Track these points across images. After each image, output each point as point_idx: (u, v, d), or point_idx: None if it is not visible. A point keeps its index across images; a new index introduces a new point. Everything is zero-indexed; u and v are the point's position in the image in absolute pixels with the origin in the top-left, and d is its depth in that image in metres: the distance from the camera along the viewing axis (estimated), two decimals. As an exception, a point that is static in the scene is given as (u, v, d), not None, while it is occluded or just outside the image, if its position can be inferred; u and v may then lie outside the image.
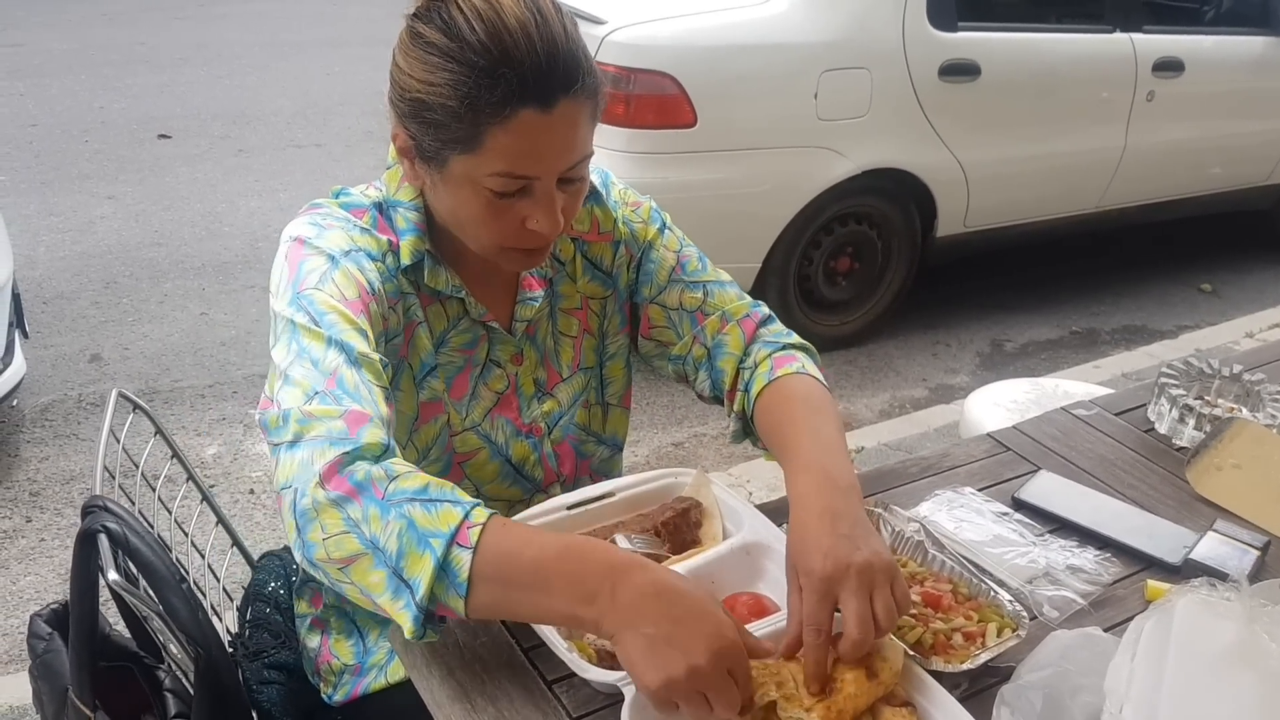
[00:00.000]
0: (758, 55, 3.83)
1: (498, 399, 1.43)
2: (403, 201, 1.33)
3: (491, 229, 1.25)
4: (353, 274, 1.24)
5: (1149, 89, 4.57)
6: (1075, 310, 4.94)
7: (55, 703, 1.42)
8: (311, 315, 1.19)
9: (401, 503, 1.04)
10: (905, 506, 1.44)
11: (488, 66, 1.13)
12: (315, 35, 9.14)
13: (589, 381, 1.53)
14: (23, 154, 6.11)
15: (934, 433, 3.75)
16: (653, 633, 0.99)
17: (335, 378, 1.13)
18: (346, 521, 1.04)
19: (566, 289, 1.49)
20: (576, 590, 1.03)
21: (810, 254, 4.22)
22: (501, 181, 1.19)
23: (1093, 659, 1.14)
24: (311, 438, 1.08)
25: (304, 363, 1.15)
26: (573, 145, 1.21)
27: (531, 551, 1.04)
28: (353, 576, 1.05)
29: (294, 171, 6.06)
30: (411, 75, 1.19)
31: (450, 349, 1.39)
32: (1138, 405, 1.83)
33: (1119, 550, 1.44)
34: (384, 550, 1.03)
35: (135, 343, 4.21)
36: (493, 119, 1.15)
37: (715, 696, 0.99)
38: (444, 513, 1.04)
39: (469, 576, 1.02)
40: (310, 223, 1.30)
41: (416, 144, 1.24)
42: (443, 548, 1.02)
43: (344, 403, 1.11)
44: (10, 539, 3.08)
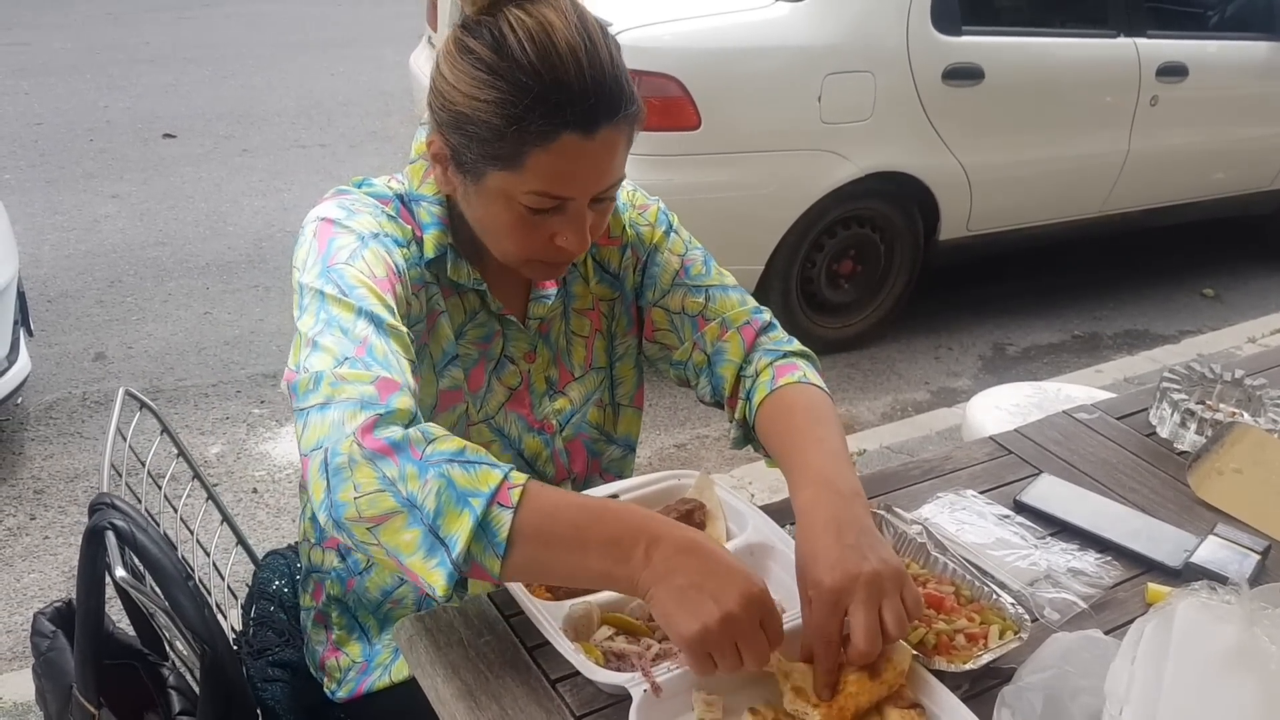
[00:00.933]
0: (761, 58, 3.84)
1: (510, 394, 1.44)
2: (425, 196, 1.35)
3: (519, 243, 1.27)
4: (381, 254, 1.26)
5: (1152, 94, 4.57)
6: (1077, 314, 4.95)
7: (59, 700, 1.42)
8: (341, 287, 1.19)
9: (440, 463, 1.05)
10: (907, 509, 1.45)
11: (538, 90, 1.14)
12: (320, 36, 9.15)
13: (601, 381, 1.54)
14: (28, 153, 6.12)
15: (936, 436, 3.75)
16: (685, 583, 1.03)
17: (365, 345, 1.14)
18: (382, 480, 1.04)
19: (579, 289, 1.50)
20: (612, 550, 1.06)
21: (813, 257, 4.22)
22: (537, 200, 1.21)
23: (1093, 661, 1.14)
24: (343, 399, 1.08)
25: (334, 331, 1.15)
26: (610, 169, 1.23)
27: (570, 513, 1.07)
28: (381, 536, 1.05)
29: (298, 171, 6.07)
30: (457, 88, 1.19)
31: (467, 341, 1.41)
32: (1139, 409, 1.83)
33: (1120, 553, 1.44)
34: (421, 508, 1.04)
35: (139, 341, 4.22)
36: (536, 142, 1.16)
37: (746, 646, 1.04)
38: (483, 473, 1.06)
39: (509, 536, 1.04)
40: (339, 205, 1.31)
41: (454, 153, 1.24)
42: (483, 506, 1.04)
43: (374, 369, 1.11)
44: (14, 536, 3.09)
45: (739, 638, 1.03)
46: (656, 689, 1.10)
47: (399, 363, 1.15)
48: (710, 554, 1.06)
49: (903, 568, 1.14)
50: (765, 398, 1.41)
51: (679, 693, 1.12)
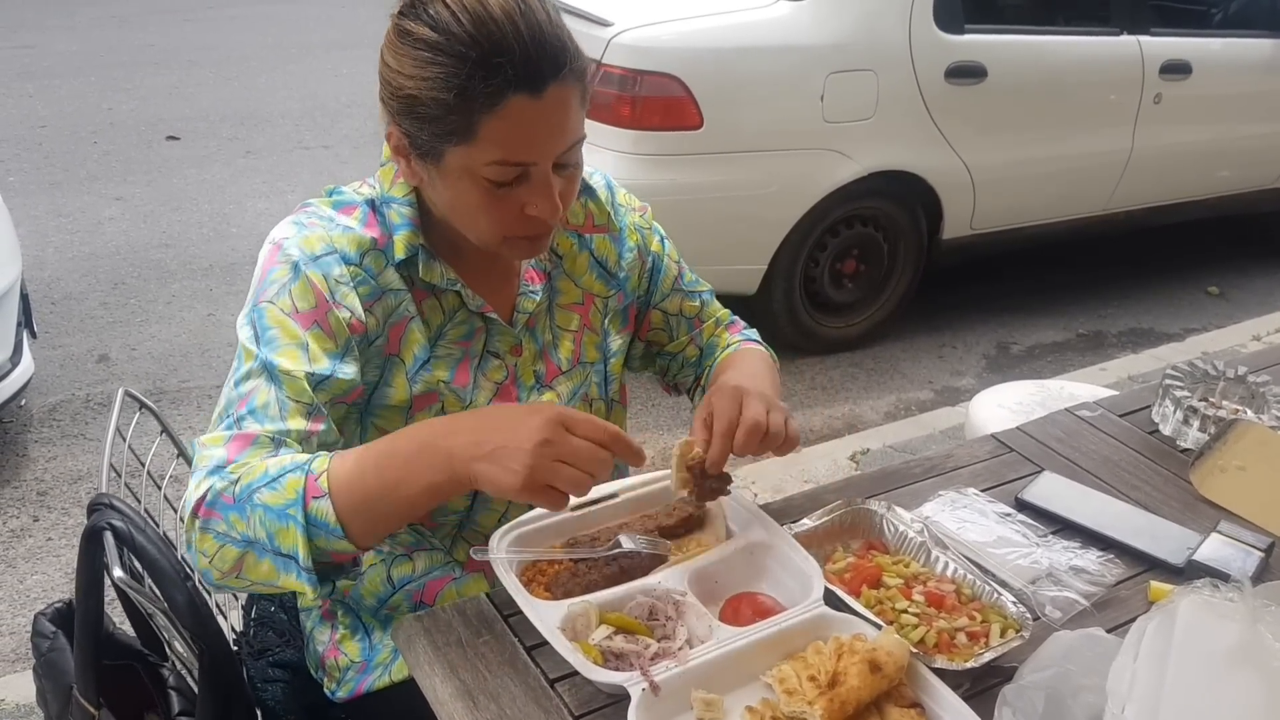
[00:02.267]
0: (764, 57, 3.83)
1: (497, 389, 1.44)
2: (395, 198, 1.35)
3: (492, 219, 1.27)
4: (313, 283, 1.27)
5: (1156, 91, 4.56)
6: (1081, 313, 4.93)
7: (60, 701, 1.42)
8: (256, 331, 1.26)
9: (251, 495, 1.15)
10: (909, 507, 1.45)
11: (477, 57, 1.16)
12: (323, 38, 9.16)
13: (588, 376, 1.54)
14: (32, 155, 6.13)
15: (939, 435, 3.74)
16: (491, 447, 1.12)
17: (248, 399, 1.23)
18: (217, 537, 1.16)
19: (564, 285, 1.51)
20: (421, 469, 1.14)
21: (816, 256, 4.21)
22: (498, 170, 1.22)
23: (1095, 659, 1.14)
24: (198, 469, 1.20)
25: (230, 383, 1.26)
26: (565, 128, 1.23)
27: (371, 464, 1.16)
28: (248, 576, 1.17)
29: (301, 173, 6.07)
30: (401, 72, 1.22)
31: (448, 341, 1.40)
32: (1142, 407, 1.82)
33: (1122, 551, 1.44)
34: (257, 541, 1.15)
35: (143, 343, 4.22)
36: (485, 108, 1.18)
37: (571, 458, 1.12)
38: (289, 483, 1.15)
39: (337, 517, 1.13)
40: (294, 222, 1.33)
41: (411, 140, 1.26)
42: (300, 511, 1.13)
43: (243, 425, 1.22)
44: (18, 538, 3.09)
45: (559, 456, 1.11)
46: (655, 688, 1.10)
47: (280, 410, 1.22)
48: (494, 411, 1.18)
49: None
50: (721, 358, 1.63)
51: (677, 692, 1.12)
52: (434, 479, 1.14)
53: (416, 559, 1.45)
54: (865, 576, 1.30)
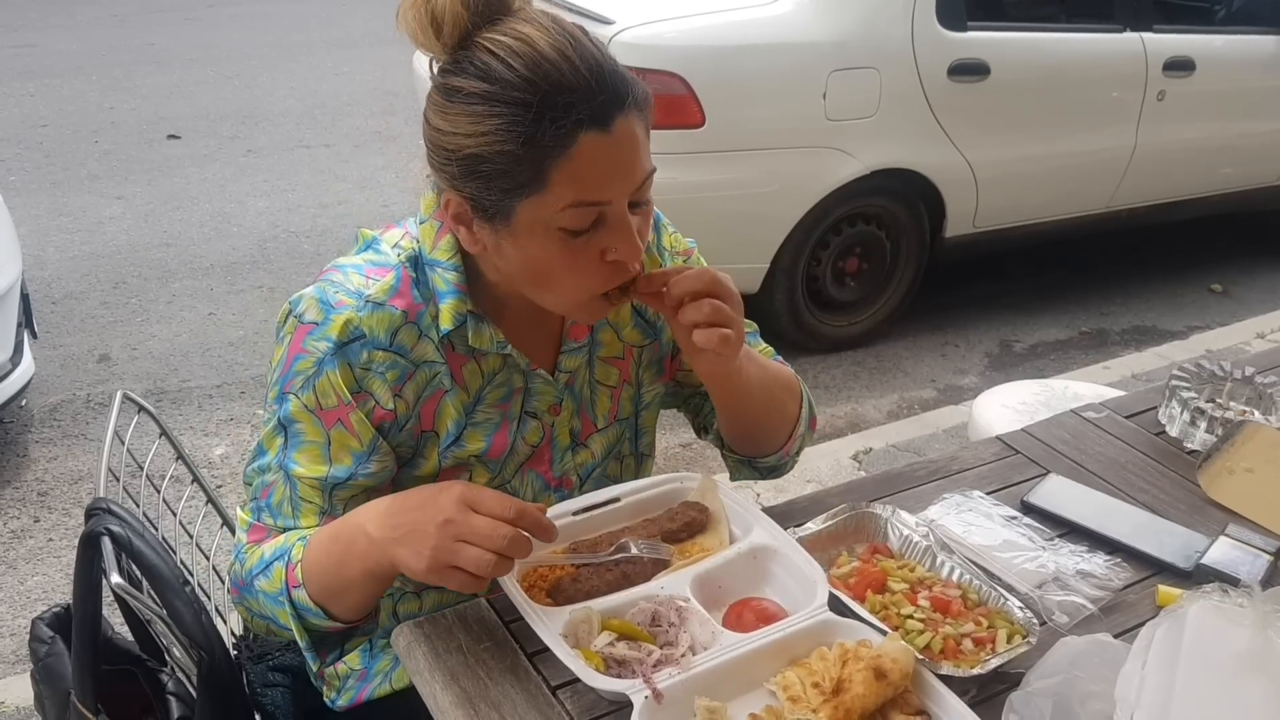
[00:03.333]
0: (766, 55, 3.82)
1: (532, 452, 1.40)
2: (440, 261, 1.28)
3: (573, 273, 1.20)
4: (336, 382, 1.25)
5: (1159, 88, 4.54)
6: (1085, 311, 4.92)
7: (57, 706, 1.41)
8: (281, 421, 1.28)
9: (252, 582, 1.27)
10: (913, 510, 1.43)
11: (538, 100, 1.10)
12: (324, 36, 9.15)
13: (623, 433, 1.49)
14: (33, 154, 6.12)
15: (942, 434, 3.73)
16: (403, 531, 1.14)
17: (268, 491, 1.29)
18: (249, 610, 1.32)
19: (606, 337, 1.44)
20: (356, 556, 1.18)
21: (819, 254, 4.20)
22: (574, 215, 1.15)
23: (1103, 666, 1.12)
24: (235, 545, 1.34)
25: (259, 464, 1.31)
26: (636, 161, 1.17)
27: (324, 557, 1.21)
28: (280, 635, 1.33)
29: (302, 172, 6.07)
30: (457, 132, 1.15)
31: (486, 405, 1.35)
32: (1148, 408, 1.81)
33: (1129, 555, 1.42)
34: (269, 617, 1.28)
35: (144, 343, 4.21)
36: (556, 152, 1.12)
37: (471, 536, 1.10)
38: (275, 573, 1.24)
39: (315, 602, 1.22)
40: (321, 298, 1.26)
41: (475, 204, 1.19)
42: (286, 601, 1.23)
43: (259, 517, 1.31)
44: (18, 539, 3.08)
45: (460, 536, 1.11)
46: (658, 695, 1.09)
47: (294, 508, 1.28)
48: (410, 494, 1.18)
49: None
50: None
51: (681, 699, 1.11)
52: (366, 565, 1.18)
53: (425, 598, 1.44)
54: (870, 581, 1.29)
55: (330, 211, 5.48)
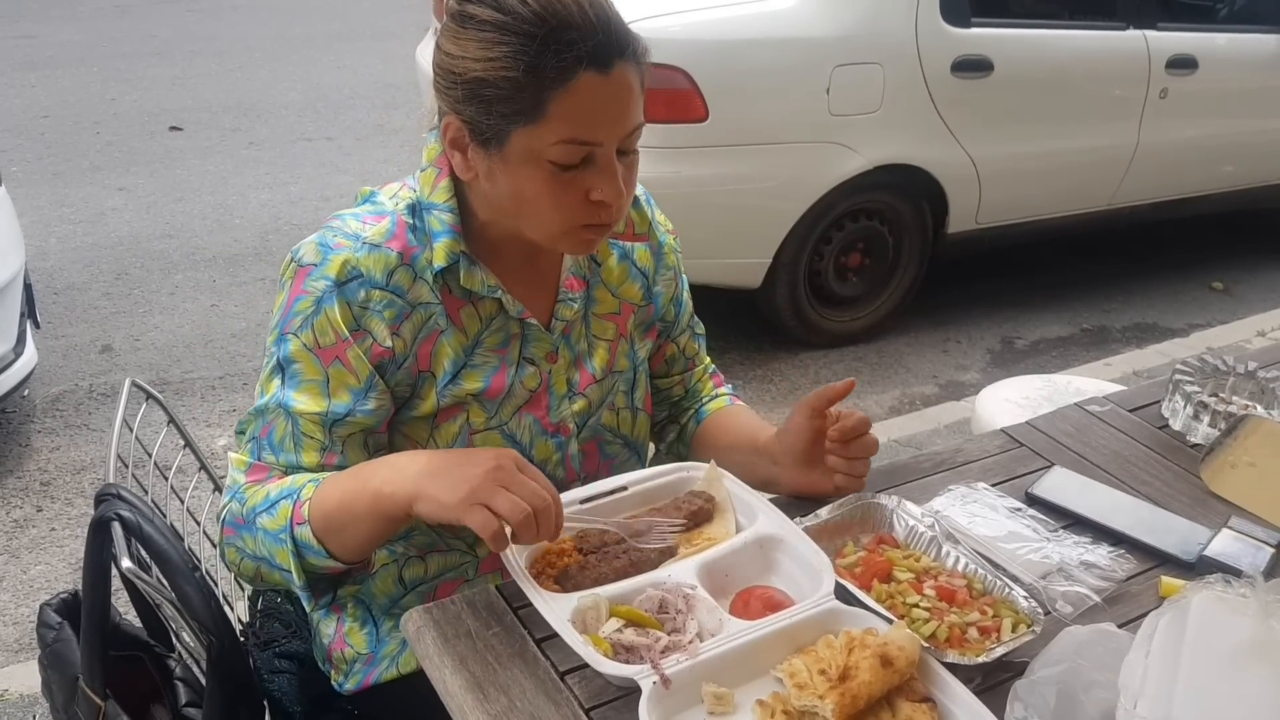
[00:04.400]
0: (770, 50, 3.82)
1: (530, 396, 1.43)
2: (437, 203, 1.34)
3: (556, 206, 1.26)
4: (335, 319, 1.28)
5: (1162, 86, 4.54)
6: (1086, 307, 4.93)
7: (65, 691, 1.42)
8: (280, 361, 1.31)
9: (254, 520, 1.27)
10: (918, 501, 1.44)
11: (546, 34, 1.17)
12: (326, 29, 9.15)
13: (616, 385, 1.53)
14: (34, 145, 6.12)
15: (944, 429, 3.74)
16: (441, 472, 1.17)
17: (268, 429, 1.31)
18: (239, 551, 1.32)
19: (601, 294, 1.50)
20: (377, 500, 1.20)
21: (821, 249, 4.20)
22: (565, 150, 1.21)
23: (1107, 655, 1.13)
24: (227, 487, 1.34)
25: (257, 406, 1.33)
26: (629, 109, 1.24)
27: (338, 495, 1.23)
28: (268, 581, 1.33)
29: (304, 164, 6.07)
30: (466, 56, 1.21)
31: (485, 349, 1.39)
32: (1152, 402, 1.81)
33: (1133, 546, 1.43)
34: (264, 558, 1.29)
35: (146, 334, 4.22)
36: (555, 85, 1.18)
37: (515, 486, 1.15)
38: (281, 510, 1.25)
39: (318, 541, 1.23)
40: (319, 242, 1.32)
41: (472, 128, 1.25)
42: (288, 537, 1.24)
43: (261, 455, 1.32)
44: (21, 528, 3.09)
45: (504, 483, 1.14)
46: (666, 681, 1.10)
47: (295, 444, 1.30)
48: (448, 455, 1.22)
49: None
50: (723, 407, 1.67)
51: (688, 685, 1.11)
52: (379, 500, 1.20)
53: (430, 560, 1.44)
54: (876, 571, 1.29)
55: (332, 204, 5.48)
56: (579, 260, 1.47)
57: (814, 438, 1.44)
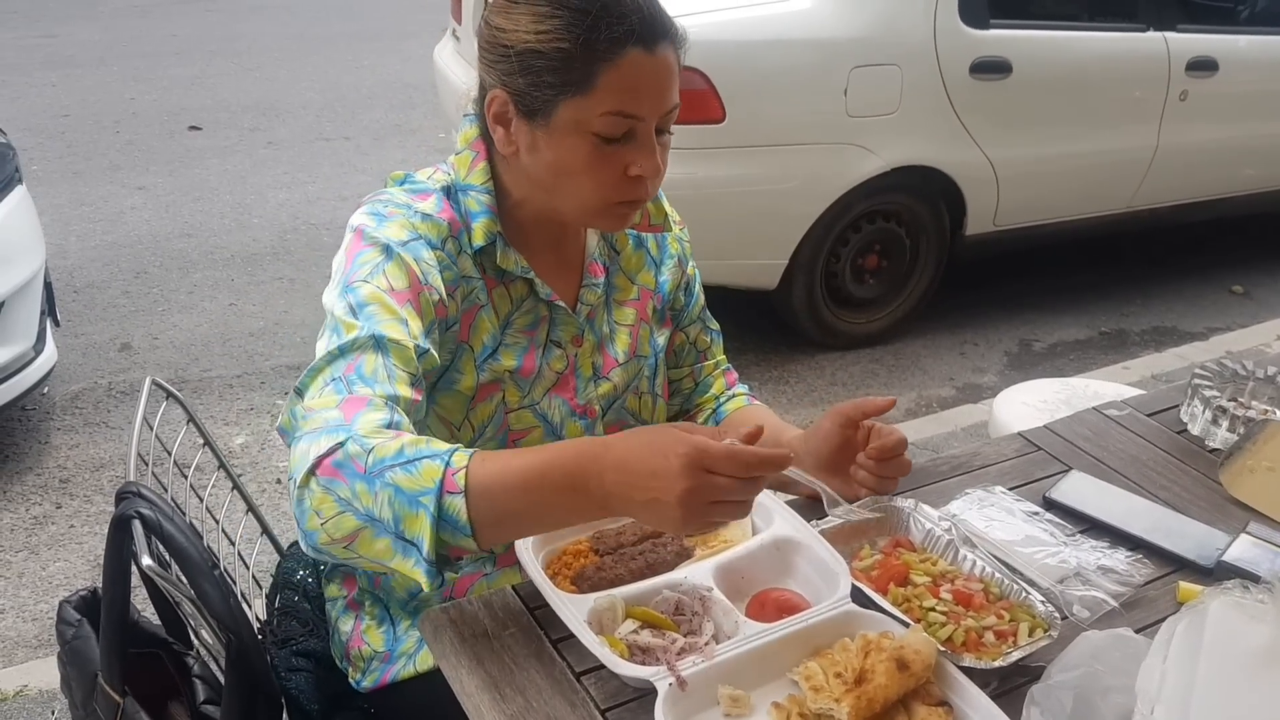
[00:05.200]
0: (787, 51, 3.82)
1: (558, 378, 1.46)
2: (474, 185, 1.38)
3: (596, 178, 1.30)
4: (406, 264, 1.28)
5: (1182, 88, 4.52)
6: (1104, 311, 4.90)
7: (84, 688, 1.43)
8: (352, 306, 1.24)
9: (383, 472, 1.09)
10: (935, 505, 1.44)
11: (599, 10, 1.23)
12: (345, 29, 9.18)
13: (640, 369, 1.56)
14: (55, 144, 6.16)
15: (961, 432, 3.73)
16: (643, 498, 1.07)
17: (355, 364, 1.20)
18: (339, 502, 1.10)
19: (620, 281, 1.55)
20: (571, 497, 1.11)
21: (838, 251, 4.20)
22: (610, 122, 1.27)
23: (1124, 660, 1.13)
24: (308, 431, 1.15)
25: (331, 352, 1.22)
26: (671, 87, 1.30)
27: (516, 477, 1.11)
28: (359, 550, 1.12)
29: (322, 164, 6.09)
30: (519, 29, 1.26)
31: (515, 330, 1.42)
32: (1170, 406, 1.81)
33: (1150, 551, 1.43)
34: (381, 520, 1.10)
35: (165, 332, 4.24)
36: (606, 58, 1.24)
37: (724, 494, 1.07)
38: (425, 469, 1.10)
39: (468, 518, 1.09)
40: (371, 212, 1.34)
41: (519, 100, 1.29)
42: (434, 502, 1.08)
43: (354, 389, 1.18)
44: (40, 525, 3.11)
45: (708, 499, 1.06)
46: (682, 683, 1.10)
47: (389, 375, 1.20)
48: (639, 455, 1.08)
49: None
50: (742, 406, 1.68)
51: (704, 687, 1.12)
52: (579, 513, 1.14)
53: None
54: (892, 574, 1.29)
55: (349, 204, 5.48)
56: (600, 246, 1.52)
57: (842, 445, 1.45)
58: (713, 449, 1.06)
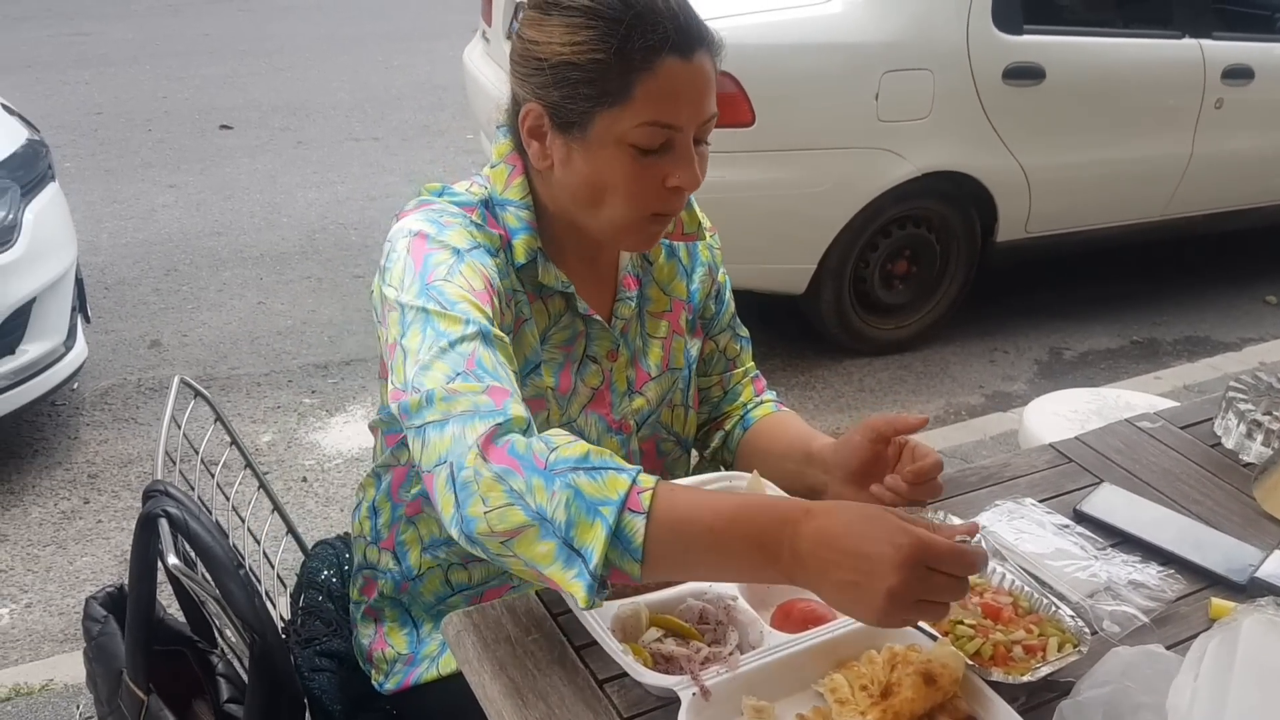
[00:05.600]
0: (818, 55, 3.80)
1: (593, 395, 1.45)
2: (512, 200, 1.35)
3: (632, 191, 1.28)
4: (477, 267, 1.26)
5: (1218, 96, 4.47)
6: (1136, 320, 4.85)
7: (109, 684, 1.44)
8: (442, 303, 1.20)
9: (565, 472, 1.04)
10: (964, 516, 1.42)
11: (633, 19, 1.21)
12: (375, 29, 9.23)
13: (675, 382, 1.55)
14: (88, 142, 6.22)
15: (990, 441, 3.70)
16: (842, 577, 1.00)
17: (474, 359, 1.15)
18: (509, 493, 1.04)
19: (654, 293, 1.53)
20: (756, 554, 1.04)
21: (867, 256, 4.18)
22: (648, 133, 1.24)
23: (1155, 677, 1.11)
24: (459, 413, 1.10)
25: (442, 345, 1.16)
26: (707, 96, 1.27)
27: (705, 515, 1.05)
28: (516, 549, 1.05)
29: (351, 164, 6.12)
30: (552, 41, 1.24)
31: (552, 345, 1.41)
32: (1204, 419, 1.78)
33: (1183, 567, 1.40)
34: (552, 521, 1.03)
35: (194, 330, 4.27)
36: (642, 67, 1.22)
37: (932, 594, 0.99)
38: (610, 480, 1.05)
39: (644, 542, 1.03)
40: (428, 219, 1.30)
41: (554, 112, 1.27)
42: (614, 515, 1.03)
43: (485, 380, 1.13)
44: (69, 520, 3.14)
45: (921, 595, 0.99)
46: (705, 693, 1.09)
47: (506, 372, 1.17)
48: (844, 535, 1.01)
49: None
50: (770, 413, 1.64)
51: (728, 698, 1.10)
52: (762, 573, 1.08)
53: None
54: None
55: (378, 204, 5.52)
56: (633, 259, 1.51)
57: (871, 459, 1.40)
58: (939, 545, 0.99)
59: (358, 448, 3.53)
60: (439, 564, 1.44)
